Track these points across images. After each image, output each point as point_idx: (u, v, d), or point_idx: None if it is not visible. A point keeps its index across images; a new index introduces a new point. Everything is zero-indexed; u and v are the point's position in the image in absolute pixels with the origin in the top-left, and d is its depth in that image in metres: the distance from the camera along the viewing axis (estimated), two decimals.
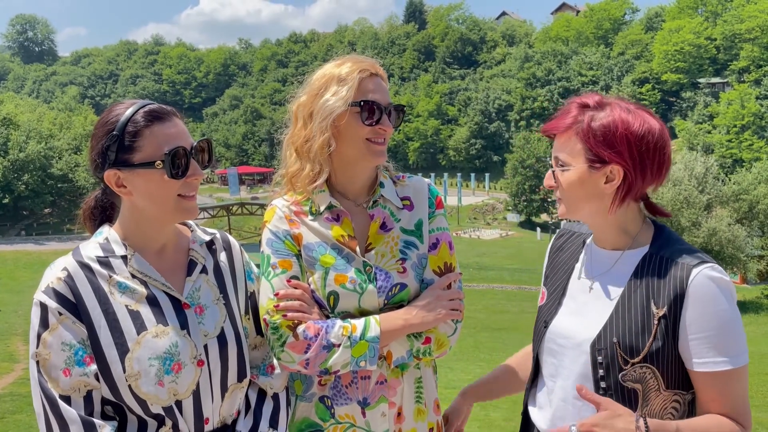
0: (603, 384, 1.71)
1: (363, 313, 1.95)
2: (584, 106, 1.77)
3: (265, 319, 1.92)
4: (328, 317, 1.94)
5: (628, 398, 1.70)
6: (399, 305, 1.97)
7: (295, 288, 1.93)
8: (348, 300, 1.94)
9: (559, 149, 1.80)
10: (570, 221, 1.98)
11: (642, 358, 1.67)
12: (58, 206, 66.60)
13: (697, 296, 1.63)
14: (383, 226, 2.02)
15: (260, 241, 2.04)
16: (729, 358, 1.63)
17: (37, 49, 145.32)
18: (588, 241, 1.96)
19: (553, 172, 1.82)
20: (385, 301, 1.96)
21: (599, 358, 1.71)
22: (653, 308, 1.67)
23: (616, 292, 1.76)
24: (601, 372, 1.71)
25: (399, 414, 1.99)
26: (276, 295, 1.91)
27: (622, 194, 1.75)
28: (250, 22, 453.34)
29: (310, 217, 2.01)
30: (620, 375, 1.69)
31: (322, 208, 1.99)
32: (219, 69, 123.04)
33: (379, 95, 1.95)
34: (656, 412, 1.71)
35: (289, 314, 1.88)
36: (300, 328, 1.87)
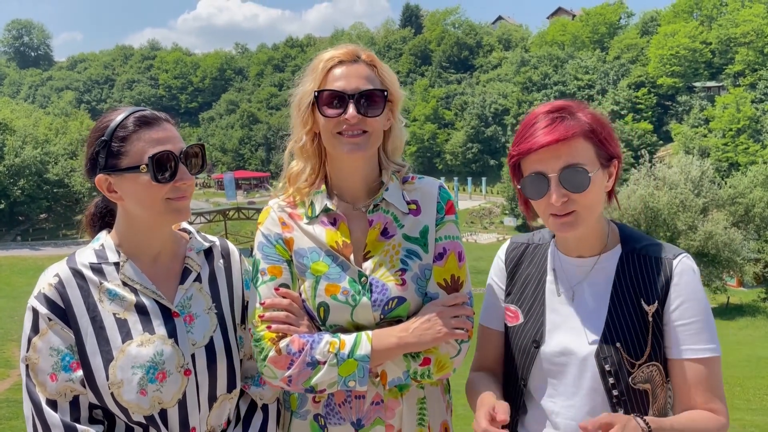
0: (615, 392, 1.67)
1: (357, 327, 1.79)
2: (562, 109, 1.68)
3: (249, 330, 1.82)
4: (320, 330, 1.80)
5: (640, 399, 1.68)
6: (397, 321, 1.79)
7: (284, 297, 1.79)
8: (339, 313, 1.78)
9: (571, 157, 1.63)
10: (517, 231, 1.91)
11: (647, 357, 1.66)
12: (53, 211, 66.38)
13: (681, 285, 1.66)
14: (384, 233, 1.84)
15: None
16: (713, 345, 1.66)
17: (33, 54, 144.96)
18: (551, 252, 1.87)
19: (564, 185, 1.63)
20: (381, 316, 1.78)
21: (606, 367, 1.66)
22: (644, 306, 1.67)
23: (604, 297, 1.73)
24: (611, 380, 1.66)
25: None
26: (262, 304, 1.78)
27: (610, 189, 1.75)
28: (247, 27, 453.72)
29: (305, 220, 1.85)
30: (630, 379, 1.66)
31: (318, 211, 1.84)
32: (215, 74, 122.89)
33: (343, 82, 1.74)
34: (662, 406, 1.71)
35: (274, 326, 1.74)
36: (283, 342, 1.72)
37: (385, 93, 1.79)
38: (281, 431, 1.94)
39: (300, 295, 1.83)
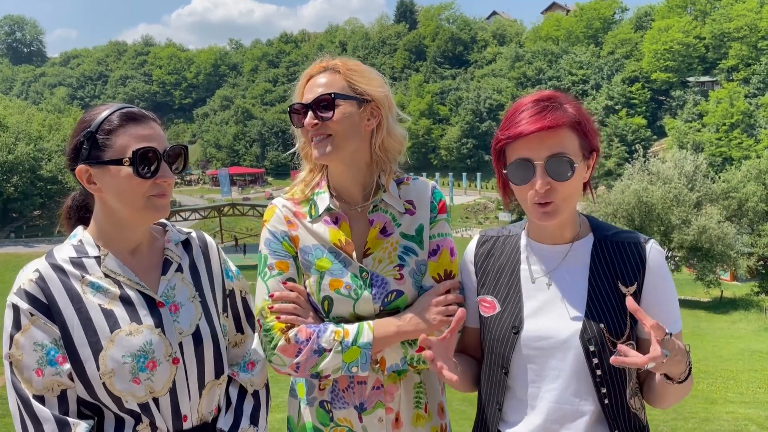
0: (599, 371, 1.72)
1: (358, 318, 1.92)
2: (550, 99, 1.71)
3: (258, 321, 1.92)
4: (323, 321, 1.93)
5: (619, 378, 1.74)
6: (396, 312, 1.93)
7: (291, 290, 1.93)
8: (342, 305, 1.92)
9: (557, 146, 1.66)
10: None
11: (627, 336, 1.73)
12: (47, 208, 66.14)
13: (654, 267, 1.77)
14: (383, 231, 1.97)
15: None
16: (679, 321, 1.78)
17: (25, 50, 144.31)
18: (523, 241, 1.90)
19: (549, 173, 1.66)
20: (381, 308, 1.93)
21: (591, 347, 1.71)
22: (622, 287, 1.75)
23: (581, 281, 1.79)
24: (595, 360, 1.71)
25: (397, 419, 1.97)
26: (271, 296, 1.91)
27: (586, 180, 1.82)
28: (242, 23, 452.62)
29: (308, 219, 1.99)
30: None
31: (321, 210, 1.98)
32: (209, 69, 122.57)
33: (309, 95, 1.90)
34: (634, 384, 1.79)
35: (283, 317, 1.88)
36: (292, 332, 1.86)
37: (332, 94, 1.86)
38: (294, 417, 2.08)
39: (305, 289, 1.97)
